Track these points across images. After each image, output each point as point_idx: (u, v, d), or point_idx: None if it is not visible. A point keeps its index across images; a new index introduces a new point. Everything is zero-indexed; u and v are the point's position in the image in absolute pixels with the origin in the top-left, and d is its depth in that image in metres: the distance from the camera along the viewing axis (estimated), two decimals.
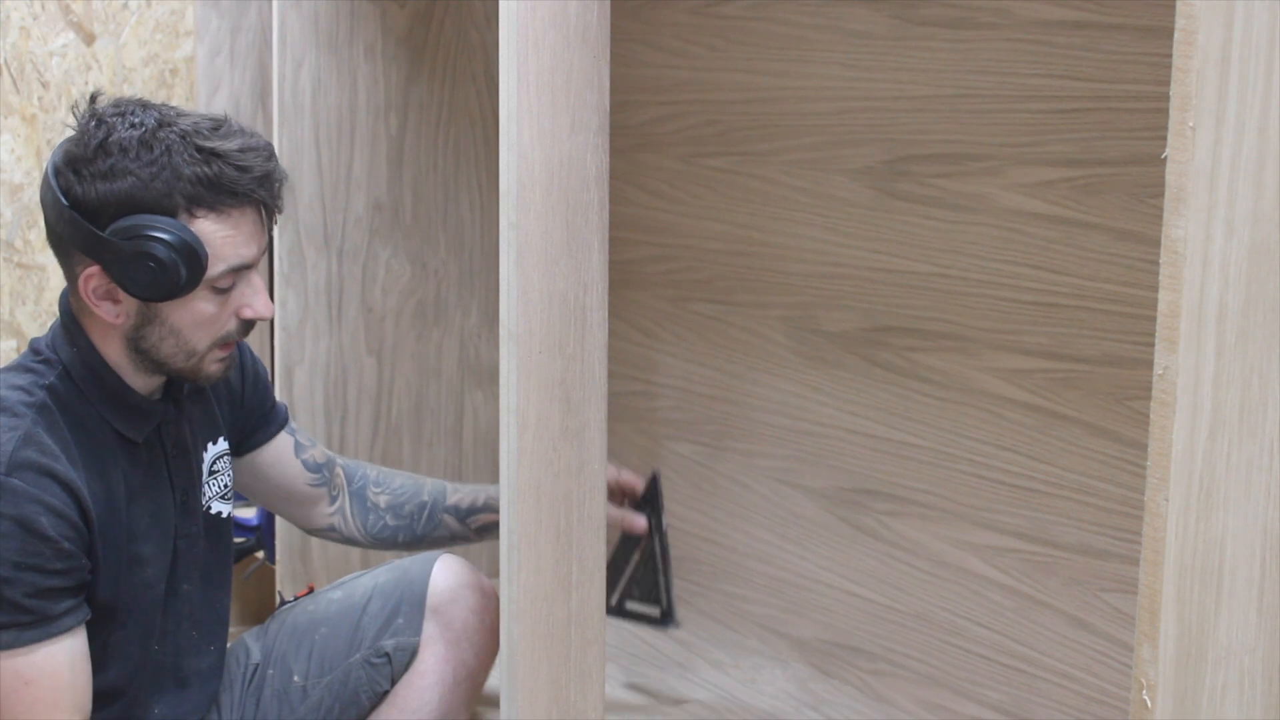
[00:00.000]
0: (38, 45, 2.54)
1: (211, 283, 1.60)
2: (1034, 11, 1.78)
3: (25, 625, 1.55)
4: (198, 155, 1.56)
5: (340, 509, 1.97)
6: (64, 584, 1.57)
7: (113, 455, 1.65)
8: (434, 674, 1.83)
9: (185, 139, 1.57)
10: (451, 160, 2.49)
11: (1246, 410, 1.05)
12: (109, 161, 1.56)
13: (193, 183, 1.56)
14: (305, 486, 1.95)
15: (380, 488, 1.98)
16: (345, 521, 1.97)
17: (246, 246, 1.61)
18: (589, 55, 1.50)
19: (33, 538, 1.54)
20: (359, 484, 1.98)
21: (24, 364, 1.66)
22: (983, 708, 1.97)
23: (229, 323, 1.64)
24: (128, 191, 1.56)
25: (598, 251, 1.54)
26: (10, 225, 2.55)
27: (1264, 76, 1.02)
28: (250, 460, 1.91)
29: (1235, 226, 1.02)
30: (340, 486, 1.97)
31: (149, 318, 1.62)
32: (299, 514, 1.98)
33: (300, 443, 1.95)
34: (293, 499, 1.96)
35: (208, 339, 1.64)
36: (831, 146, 2.08)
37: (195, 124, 1.59)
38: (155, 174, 1.55)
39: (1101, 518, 1.79)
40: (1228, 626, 1.07)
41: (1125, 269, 1.72)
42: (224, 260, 1.59)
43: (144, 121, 1.58)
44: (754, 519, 2.30)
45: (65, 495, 1.57)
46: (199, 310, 1.62)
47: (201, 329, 1.63)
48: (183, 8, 2.64)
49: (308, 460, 1.94)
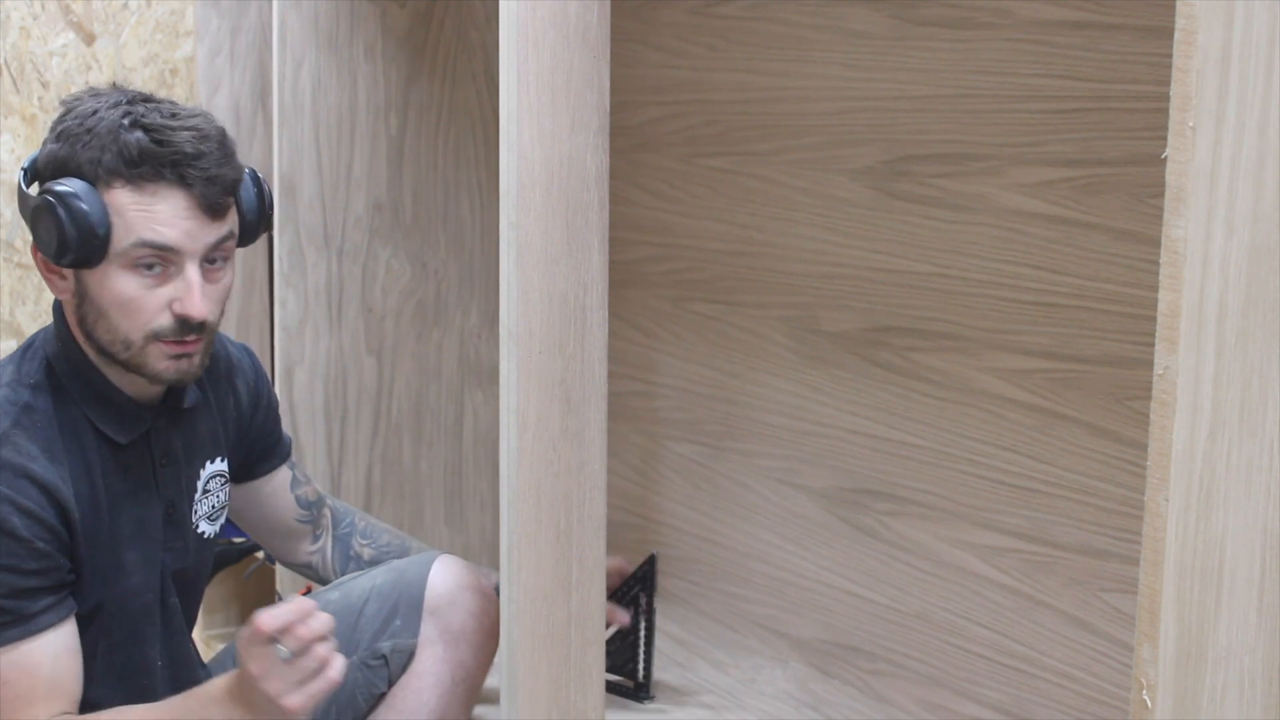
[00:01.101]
0: (38, 45, 2.54)
1: (128, 258, 1.57)
2: (1034, 11, 1.78)
3: (2, 625, 1.54)
4: (125, 126, 1.57)
5: (321, 550, 1.96)
6: (41, 584, 1.56)
7: (95, 455, 1.64)
8: (432, 675, 1.82)
9: (129, 115, 1.58)
10: (451, 160, 2.49)
11: (1246, 410, 1.05)
12: (61, 126, 1.60)
13: (113, 152, 1.56)
14: (294, 522, 1.94)
15: (367, 540, 1.98)
16: (324, 563, 1.96)
17: (166, 227, 1.56)
18: (589, 55, 1.50)
19: (6, 538, 1.54)
20: (344, 530, 1.98)
21: (14, 360, 1.66)
22: (983, 708, 1.97)
23: (160, 315, 1.59)
24: (62, 157, 1.59)
25: (598, 251, 1.54)
26: (10, 225, 2.55)
27: (1264, 76, 1.01)
28: (248, 489, 1.90)
29: (1235, 226, 1.02)
30: (325, 527, 1.97)
31: (81, 294, 1.61)
32: (280, 546, 1.97)
33: (297, 478, 1.94)
34: (277, 532, 1.95)
35: (139, 329, 1.59)
36: (831, 146, 2.08)
37: (151, 107, 1.61)
38: (87, 141, 1.57)
39: (1101, 518, 1.79)
40: (1228, 626, 1.07)
41: (1125, 269, 1.72)
42: (134, 234, 1.56)
43: (109, 99, 1.61)
44: (754, 519, 2.30)
45: (42, 497, 1.56)
46: (117, 288, 1.58)
47: (127, 314, 1.59)
48: (183, 8, 2.64)
49: (300, 497, 1.94)
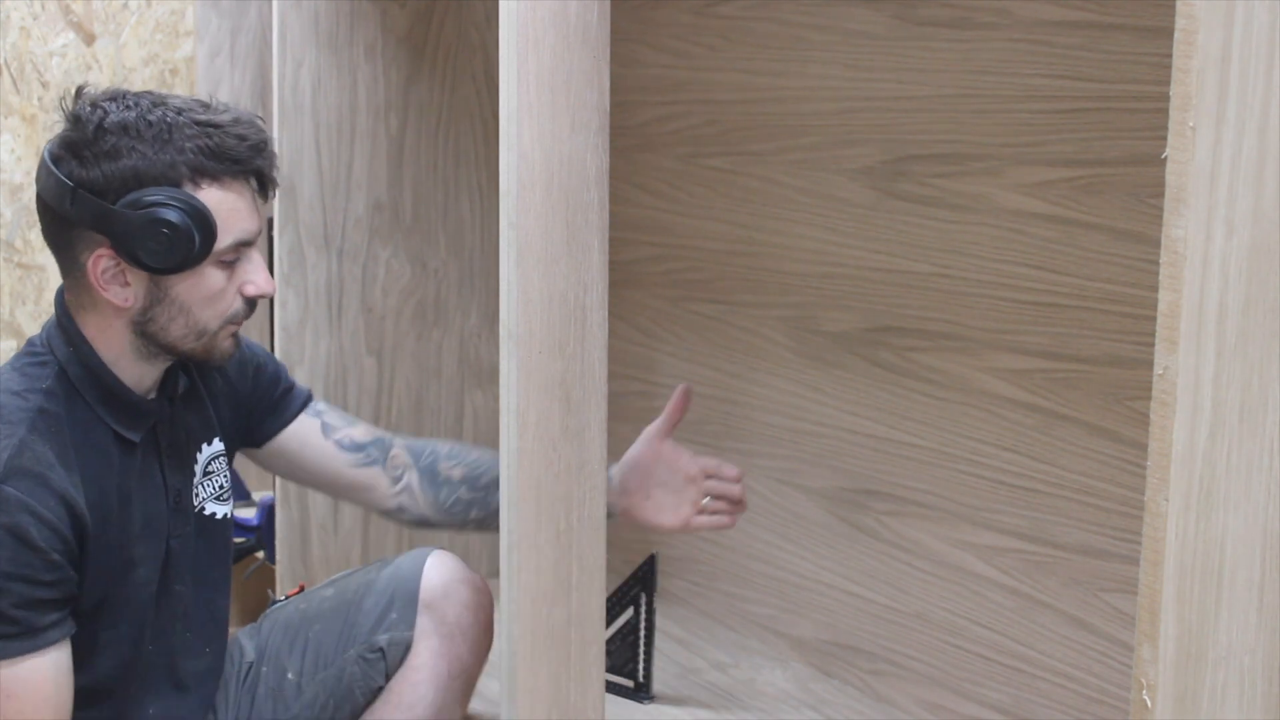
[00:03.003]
0: (38, 45, 2.54)
1: (219, 256, 1.62)
2: (1034, 11, 1.78)
3: (11, 636, 1.54)
4: (196, 128, 1.60)
5: (407, 487, 1.89)
6: (51, 596, 1.57)
7: (109, 456, 1.64)
8: (429, 669, 1.83)
9: (181, 115, 1.61)
10: (451, 160, 2.49)
11: (1246, 410, 1.05)
12: (110, 141, 1.58)
13: (195, 154, 1.59)
14: (348, 469, 1.88)
15: (454, 460, 1.91)
16: (414, 499, 1.89)
17: (249, 220, 1.63)
18: (589, 55, 1.50)
19: (24, 548, 1.54)
20: (428, 460, 1.91)
21: (19, 366, 1.65)
22: (983, 708, 1.97)
23: (235, 301, 1.65)
24: (133, 167, 1.58)
25: (598, 251, 1.54)
26: (10, 225, 2.55)
27: (1264, 76, 1.01)
28: (275, 449, 1.88)
29: (1235, 226, 1.02)
30: (404, 465, 1.89)
31: (158, 297, 1.62)
32: (362, 499, 1.91)
33: (329, 424, 1.89)
34: (341, 483, 1.89)
35: (217, 318, 1.65)
36: (831, 146, 2.08)
37: (186, 103, 1.63)
38: (159, 149, 1.58)
39: (1101, 518, 1.79)
40: (1228, 626, 1.07)
41: (1125, 269, 1.72)
42: (230, 233, 1.62)
43: (138, 103, 1.61)
44: (754, 519, 2.30)
45: (58, 506, 1.56)
46: (208, 285, 1.63)
47: (210, 306, 1.64)
48: (183, 8, 2.64)
49: (342, 440, 1.88)
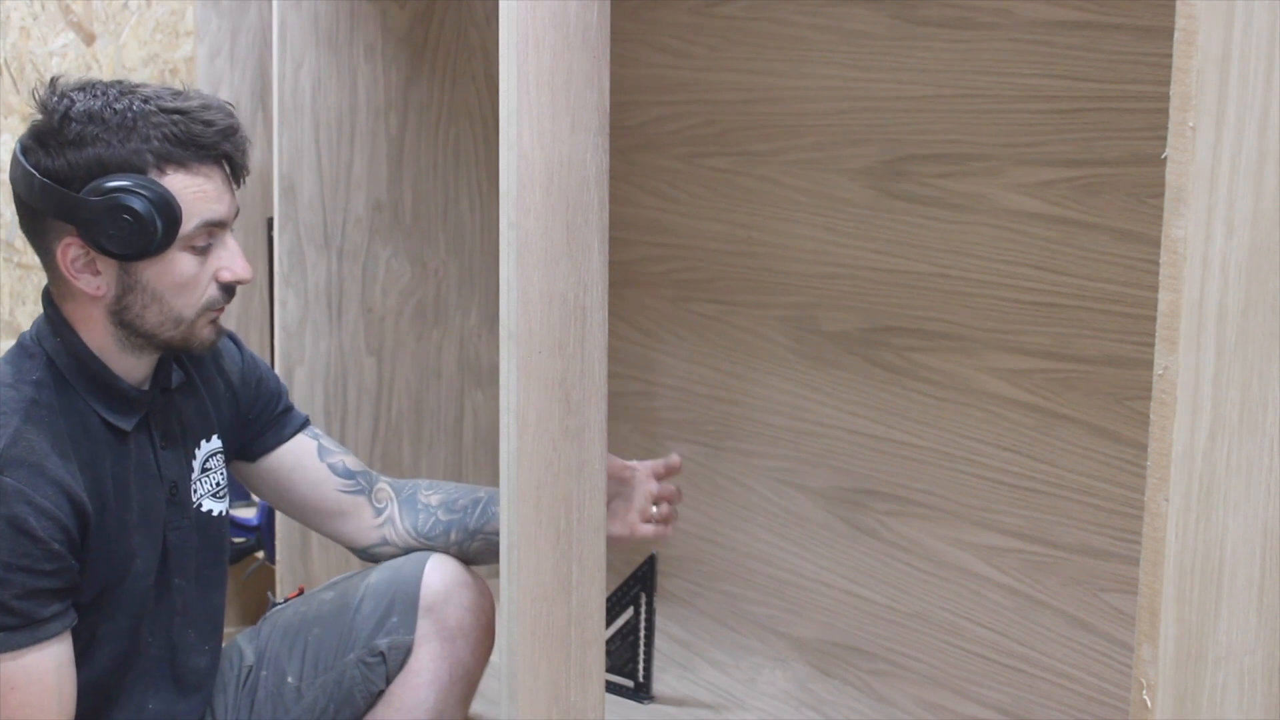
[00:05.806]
0: (38, 45, 2.54)
1: (188, 241, 1.61)
2: (1034, 11, 1.78)
3: (13, 628, 1.54)
4: (162, 115, 1.60)
5: (389, 518, 1.90)
6: (52, 585, 1.56)
7: (102, 446, 1.64)
8: (429, 672, 1.82)
9: (148, 103, 1.61)
10: (451, 160, 2.49)
11: (1246, 410, 1.05)
12: (75, 129, 1.59)
13: (160, 140, 1.59)
14: (337, 494, 1.89)
15: (432, 489, 1.93)
16: (395, 530, 1.90)
17: (218, 203, 1.63)
18: (589, 55, 1.50)
19: (23, 538, 1.54)
20: (409, 491, 1.92)
21: (10, 359, 1.66)
22: (983, 708, 1.97)
23: (210, 288, 1.65)
24: (97, 155, 1.58)
25: (598, 251, 1.54)
26: (10, 225, 2.55)
27: (1264, 76, 1.01)
28: (270, 465, 1.88)
29: (1235, 226, 1.02)
30: (387, 499, 1.91)
31: (129, 285, 1.62)
32: (345, 529, 1.91)
33: (325, 447, 1.90)
34: (326, 507, 1.89)
35: (193, 305, 1.64)
36: (831, 146, 2.08)
37: (155, 91, 1.64)
38: (123, 136, 1.59)
39: (1101, 518, 1.79)
40: (1228, 626, 1.07)
41: (1125, 269, 1.72)
42: (197, 215, 1.61)
43: (105, 92, 1.62)
44: (754, 519, 2.30)
45: (57, 495, 1.56)
46: (178, 271, 1.62)
47: (183, 293, 1.63)
48: (183, 8, 2.64)
49: (335, 465, 1.89)
